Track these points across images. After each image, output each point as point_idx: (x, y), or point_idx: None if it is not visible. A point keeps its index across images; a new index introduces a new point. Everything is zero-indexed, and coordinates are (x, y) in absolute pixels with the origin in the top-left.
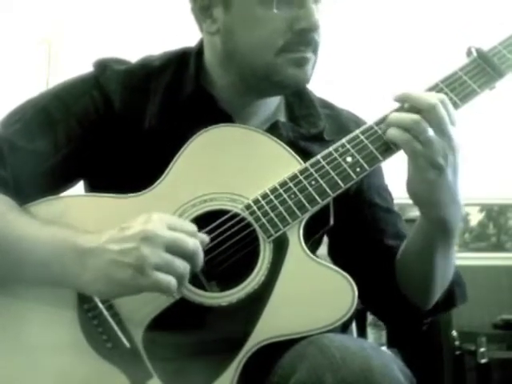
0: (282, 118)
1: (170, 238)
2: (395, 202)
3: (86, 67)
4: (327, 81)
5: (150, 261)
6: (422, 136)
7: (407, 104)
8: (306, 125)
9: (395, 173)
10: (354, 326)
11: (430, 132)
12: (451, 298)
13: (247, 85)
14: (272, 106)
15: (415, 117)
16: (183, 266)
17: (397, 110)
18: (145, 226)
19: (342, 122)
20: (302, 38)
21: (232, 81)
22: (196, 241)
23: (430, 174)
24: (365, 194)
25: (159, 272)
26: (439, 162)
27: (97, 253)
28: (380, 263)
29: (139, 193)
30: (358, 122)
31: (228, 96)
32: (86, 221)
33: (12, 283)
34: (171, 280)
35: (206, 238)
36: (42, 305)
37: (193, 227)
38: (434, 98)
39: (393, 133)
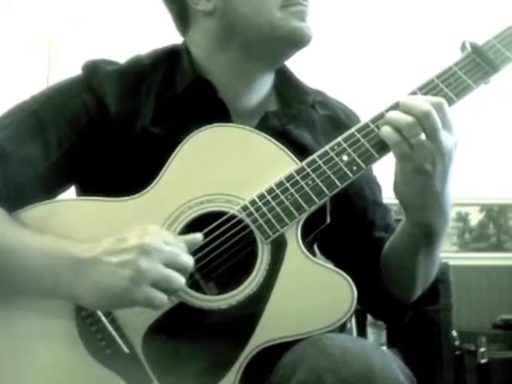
0: (274, 106)
1: (167, 252)
2: (392, 202)
3: None
4: (322, 76)
5: (147, 275)
6: (414, 140)
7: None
8: (296, 104)
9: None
10: (354, 325)
11: (423, 137)
12: (434, 294)
13: (249, 55)
14: (264, 91)
15: (410, 119)
16: (180, 280)
17: (393, 108)
18: (143, 240)
19: (333, 111)
20: None
21: (231, 60)
22: (190, 257)
23: (416, 179)
24: (354, 186)
25: (154, 288)
26: (426, 169)
27: (92, 264)
28: (367, 255)
29: (134, 196)
30: (346, 111)
31: (224, 84)
32: (79, 225)
33: (6, 292)
34: (164, 298)
35: (199, 236)
36: (40, 311)
37: (184, 246)
38: (426, 104)
39: (386, 131)
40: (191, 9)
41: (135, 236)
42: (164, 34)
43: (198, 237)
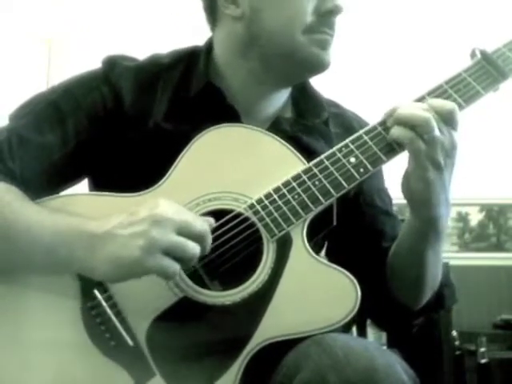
0: (288, 114)
1: (179, 221)
2: (394, 202)
3: (86, 67)
4: (331, 82)
5: (159, 243)
6: (427, 135)
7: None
8: (311, 117)
9: (393, 174)
10: (354, 325)
11: (436, 131)
12: (441, 298)
13: (268, 69)
14: (279, 102)
15: (425, 115)
16: (194, 248)
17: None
18: (154, 211)
19: (346, 121)
20: (327, 20)
21: (250, 69)
22: (204, 223)
23: (430, 174)
24: (364, 196)
25: (167, 257)
26: (440, 162)
27: (106, 237)
28: (375, 264)
29: (143, 191)
30: (361, 123)
31: (239, 91)
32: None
33: (15, 279)
34: (176, 267)
35: (211, 219)
36: (45, 302)
37: (197, 216)
38: (422, 111)
39: (398, 131)
40: (220, 9)
41: (146, 208)
42: (164, 33)
43: (210, 219)
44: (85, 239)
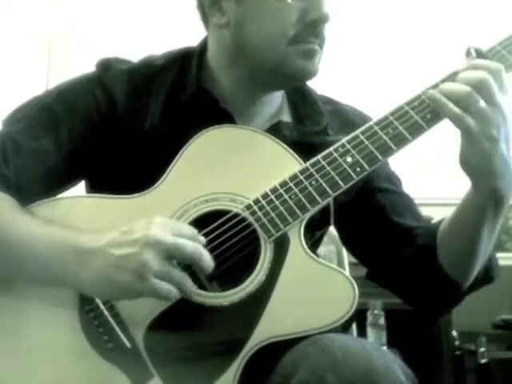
0: (286, 117)
1: (171, 244)
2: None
3: (86, 67)
4: (328, 79)
5: (150, 267)
6: (473, 107)
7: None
8: (310, 123)
9: (406, 173)
10: (354, 325)
11: (482, 103)
12: (488, 272)
13: (255, 78)
14: (274, 105)
15: (466, 88)
16: (180, 276)
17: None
18: (146, 232)
19: (346, 117)
20: (313, 30)
21: (238, 76)
22: (196, 244)
23: (484, 146)
24: (374, 183)
25: (159, 279)
26: (493, 134)
27: (98, 254)
28: (402, 245)
29: (141, 193)
30: (363, 117)
31: (231, 94)
32: (87, 221)
33: (13, 284)
34: (170, 288)
35: (202, 239)
36: (44, 305)
37: (192, 231)
38: (480, 72)
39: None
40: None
41: (140, 229)
42: (164, 33)
43: (200, 239)
44: (76, 254)
